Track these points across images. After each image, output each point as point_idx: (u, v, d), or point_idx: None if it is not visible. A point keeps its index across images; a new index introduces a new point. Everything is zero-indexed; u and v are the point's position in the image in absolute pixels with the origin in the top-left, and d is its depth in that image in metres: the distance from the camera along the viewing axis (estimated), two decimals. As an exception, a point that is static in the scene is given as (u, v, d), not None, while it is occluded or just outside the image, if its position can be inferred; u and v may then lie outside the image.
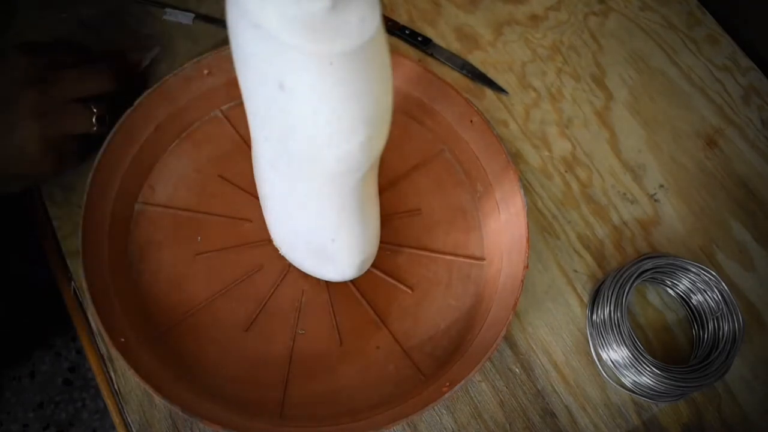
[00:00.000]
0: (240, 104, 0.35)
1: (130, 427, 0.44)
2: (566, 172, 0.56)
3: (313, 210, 0.39)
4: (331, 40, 0.27)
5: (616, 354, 0.47)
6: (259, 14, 0.28)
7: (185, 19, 0.58)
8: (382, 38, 0.30)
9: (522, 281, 0.44)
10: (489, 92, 0.59)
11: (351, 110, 0.30)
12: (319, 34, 0.27)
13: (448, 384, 0.42)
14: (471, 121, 0.51)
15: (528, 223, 0.46)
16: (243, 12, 0.28)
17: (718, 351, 0.46)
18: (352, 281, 0.48)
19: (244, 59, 0.31)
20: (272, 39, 0.28)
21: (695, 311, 0.50)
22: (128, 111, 0.47)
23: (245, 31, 0.30)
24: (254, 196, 0.46)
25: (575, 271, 0.52)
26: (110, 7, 0.58)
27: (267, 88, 0.31)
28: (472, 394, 0.46)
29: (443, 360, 0.46)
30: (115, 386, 0.45)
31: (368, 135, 0.32)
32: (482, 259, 0.50)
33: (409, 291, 0.48)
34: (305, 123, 0.31)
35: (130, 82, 0.51)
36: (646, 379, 0.45)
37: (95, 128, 0.46)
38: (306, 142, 0.32)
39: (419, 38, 0.60)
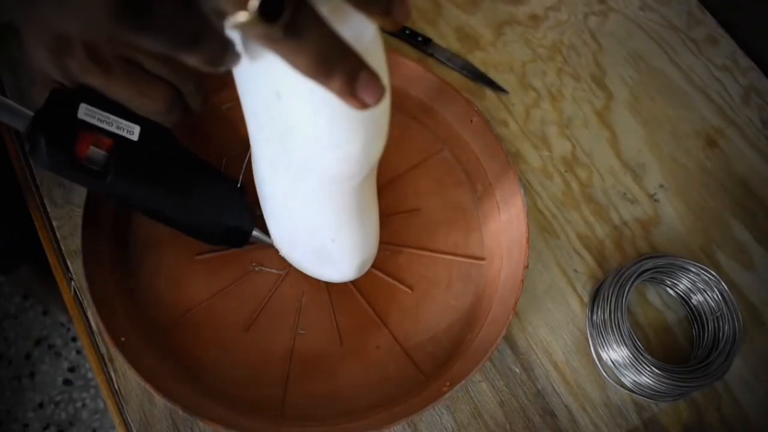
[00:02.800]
0: (242, 103, 0.35)
1: (130, 427, 0.44)
2: (566, 171, 0.56)
3: (313, 211, 0.39)
4: None
5: (616, 354, 0.47)
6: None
7: None
8: (378, 43, 0.30)
9: (522, 281, 0.44)
10: (489, 92, 0.59)
11: (351, 113, 0.30)
12: None
13: (448, 384, 0.42)
14: (471, 121, 0.51)
15: (528, 222, 0.46)
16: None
17: (718, 351, 0.46)
18: (353, 281, 0.48)
19: (240, 68, 0.31)
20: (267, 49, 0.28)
21: (695, 311, 0.50)
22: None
23: (239, 41, 0.30)
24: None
25: (575, 271, 0.52)
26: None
27: (264, 95, 0.31)
28: (472, 394, 0.46)
29: (443, 360, 0.46)
30: (115, 386, 0.45)
31: (368, 137, 0.32)
32: (482, 258, 0.50)
33: (409, 291, 0.48)
34: (305, 127, 0.31)
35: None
36: (646, 379, 0.45)
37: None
38: (307, 145, 0.32)
39: (419, 38, 0.60)
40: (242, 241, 0.46)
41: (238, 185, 0.45)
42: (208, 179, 0.43)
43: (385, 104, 0.33)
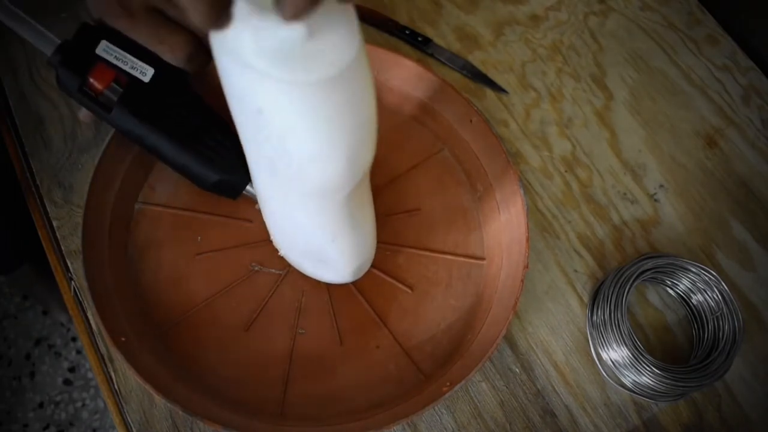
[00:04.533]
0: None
1: (130, 427, 0.44)
2: (566, 172, 0.56)
3: (307, 218, 0.39)
4: (307, 70, 0.27)
5: (616, 354, 0.47)
6: (236, 42, 0.27)
7: None
8: (362, 61, 0.30)
9: (522, 281, 0.44)
10: (489, 92, 0.59)
11: (333, 132, 0.30)
12: (295, 63, 0.27)
13: (448, 384, 0.42)
14: (471, 121, 0.51)
15: (528, 223, 0.46)
16: (222, 38, 0.28)
17: (718, 351, 0.46)
18: (352, 281, 0.48)
19: (225, 81, 0.32)
20: (249, 67, 0.28)
21: (695, 311, 0.50)
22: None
23: (224, 56, 0.30)
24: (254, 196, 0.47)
25: (575, 271, 0.52)
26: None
27: (248, 110, 0.31)
28: (472, 394, 0.46)
29: (443, 360, 0.46)
30: (115, 386, 0.45)
31: (350, 156, 0.32)
32: (482, 258, 0.50)
33: (409, 291, 0.48)
34: (288, 145, 0.31)
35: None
36: (646, 379, 0.45)
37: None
38: (292, 158, 0.32)
39: (419, 38, 0.60)
40: (234, 194, 0.47)
41: None
42: (212, 128, 0.45)
43: (370, 122, 0.32)
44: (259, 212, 0.46)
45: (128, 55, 0.41)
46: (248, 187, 0.46)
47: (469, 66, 0.59)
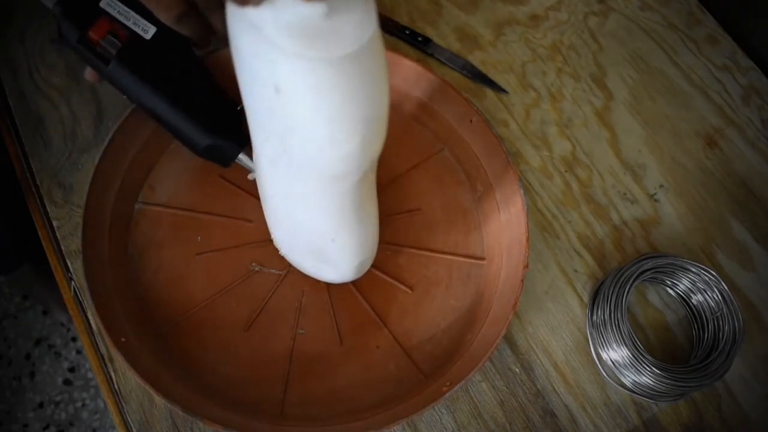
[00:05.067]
0: (242, 104, 0.35)
1: (130, 427, 0.44)
2: (566, 172, 0.56)
3: (313, 211, 0.39)
4: (326, 46, 0.28)
5: (616, 354, 0.47)
6: (257, 18, 0.28)
7: None
8: (378, 42, 0.30)
9: (522, 281, 0.44)
10: (489, 92, 0.59)
11: (350, 111, 0.31)
12: (315, 39, 0.27)
13: (448, 384, 0.42)
14: (471, 121, 0.51)
15: (528, 222, 0.46)
16: (242, 15, 0.29)
17: (718, 351, 0.46)
18: (353, 281, 0.48)
19: (241, 62, 0.32)
20: (268, 43, 0.28)
21: (695, 311, 0.50)
22: (129, 110, 0.47)
23: (243, 33, 0.30)
24: (254, 196, 0.47)
25: (575, 271, 0.52)
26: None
27: (264, 91, 0.31)
28: (472, 394, 0.46)
29: (443, 360, 0.46)
30: (115, 386, 0.45)
31: (367, 134, 0.32)
32: (482, 258, 0.50)
33: (409, 291, 0.48)
34: (305, 124, 0.31)
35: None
36: (646, 379, 0.45)
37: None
38: (306, 143, 0.32)
39: (419, 38, 0.60)
40: (226, 161, 0.46)
41: (238, 108, 0.46)
42: (209, 94, 0.45)
43: (384, 103, 0.33)
44: (259, 211, 0.46)
45: (131, 12, 0.41)
46: (241, 156, 0.46)
47: (469, 66, 0.59)
